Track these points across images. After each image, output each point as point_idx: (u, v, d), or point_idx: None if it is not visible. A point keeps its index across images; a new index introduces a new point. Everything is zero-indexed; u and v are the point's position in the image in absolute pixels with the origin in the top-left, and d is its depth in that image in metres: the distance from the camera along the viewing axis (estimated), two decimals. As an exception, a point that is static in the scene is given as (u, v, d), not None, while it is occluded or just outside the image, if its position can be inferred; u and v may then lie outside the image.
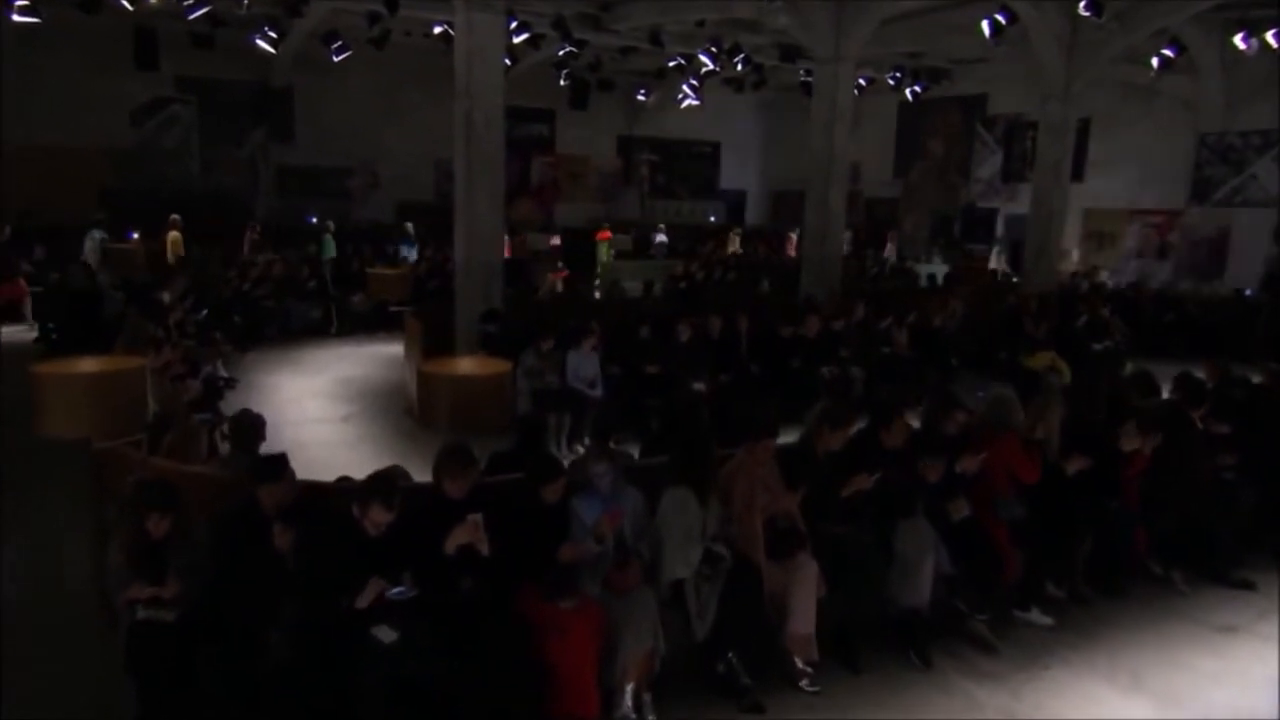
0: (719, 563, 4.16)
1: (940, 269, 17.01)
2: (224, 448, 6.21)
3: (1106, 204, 17.38)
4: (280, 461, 3.68)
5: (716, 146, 24.94)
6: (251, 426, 4.39)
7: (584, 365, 7.95)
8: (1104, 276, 15.92)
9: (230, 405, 8.41)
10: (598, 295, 14.82)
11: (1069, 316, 11.77)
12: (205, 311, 10.49)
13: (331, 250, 15.16)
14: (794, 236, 19.12)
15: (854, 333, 9.96)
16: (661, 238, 20.29)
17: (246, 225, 16.21)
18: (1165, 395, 6.51)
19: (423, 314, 9.15)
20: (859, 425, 4.94)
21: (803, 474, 4.61)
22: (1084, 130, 15.53)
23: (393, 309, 12.32)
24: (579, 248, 18.31)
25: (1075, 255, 17.49)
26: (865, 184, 21.57)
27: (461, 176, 8.87)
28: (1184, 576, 5.43)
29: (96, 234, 14.32)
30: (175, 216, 14.92)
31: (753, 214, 25.44)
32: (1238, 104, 15.19)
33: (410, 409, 8.58)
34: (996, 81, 18.82)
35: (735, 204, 25.32)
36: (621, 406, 8.00)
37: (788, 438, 4.70)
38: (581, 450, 7.59)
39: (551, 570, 3.92)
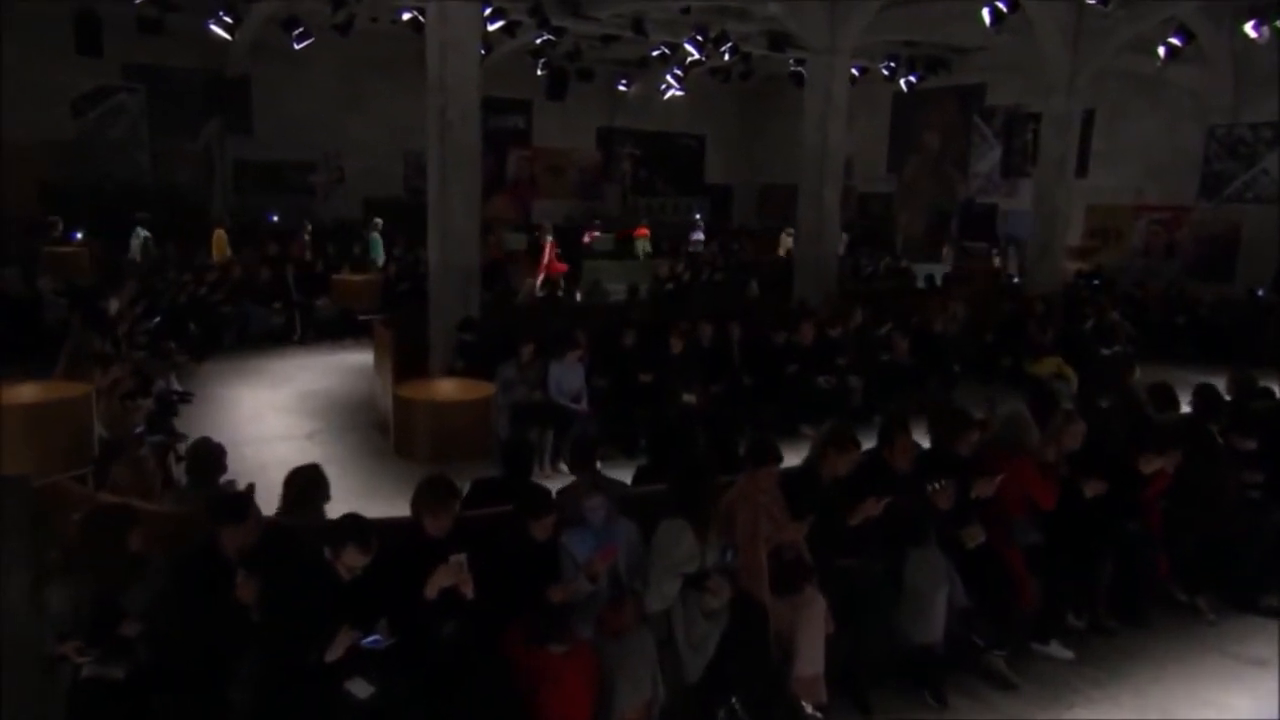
0: (711, 592, 4.04)
1: (940, 269, 16.99)
2: (179, 471, 6.05)
3: (1110, 200, 17.44)
4: (243, 501, 3.54)
5: (701, 139, 24.91)
6: (210, 457, 4.24)
7: (567, 377, 7.86)
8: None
9: (186, 422, 8.27)
10: (579, 297, 14.87)
11: (1075, 320, 11.77)
12: (157, 319, 10.26)
13: (379, 251, 15.17)
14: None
15: (851, 339, 9.90)
16: (699, 234, 20.13)
17: (301, 225, 16.06)
18: (1182, 406, 6.58)
19: (393, 322, 8.99)
20: (866, 446, 4.86)
21: (808, 501, 4.52)
22: (1087, 122, 15.51)
23: (361, 317, 12.14)
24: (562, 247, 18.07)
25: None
26: (858, 179, 21.54)
27: (435, 176, 8.71)
28: (1210, 603, 5.39)
29: (142, 232, 14.36)
30: (224, 215, 15.43)
31: (739, 210, 25.43)
32: (1248, 95, 15.27)
33: (381, 424, 8.43)
34: (995, 71, 18.80)
35: (721, 200, 25.32)
36: (608, 421, 8.03)
37: (786, 452, 4.59)
38: (565, 469, 7.48)
39: (541, 612, 3.81)
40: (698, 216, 22.77)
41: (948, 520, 4.74)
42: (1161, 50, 13.69)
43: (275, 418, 9.06)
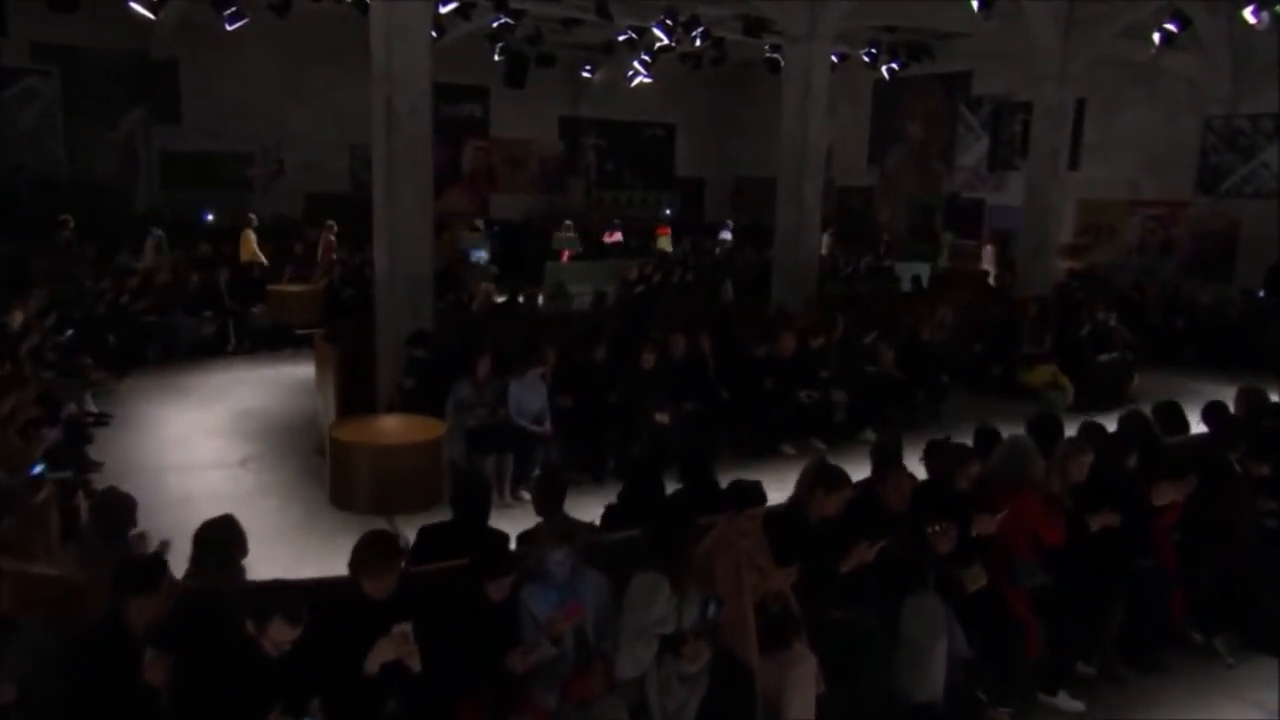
0: (687, 657, 3.84)
1: (925, 268, 16.98)
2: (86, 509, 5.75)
3: (1103, 195, 17.51)
4: (154, 567, 3.27)
5: (671, 129, 24.82)
6: (117, 510, 3.95)
7: (529, 396, 7.64)
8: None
9: (102, 449, 7.94)
10: (541, 301, 14.66)
11: (1070, 324, 11.76)
12: (70, 332, 9.87)
13: None
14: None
15: (834, 350, 9.80)
16: (726, 234, 19.96)
17: (323, 225, 15.59)
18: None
19: (336, 336, 8.72)
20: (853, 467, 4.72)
21: (795, 546, 4.37)
22: (1078, 113, 15.58)
23: (300, 331, 11.81)
24: (518, 249, 17.99)
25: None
26: (837, 171, 21.51)
27: (381, 173, 8.40)
28: (1228, 645, 5.31)
29: (156, 232, 14.36)
30: (251, 215, 15.42)
31: (712, 204, 25.35)
32: (1247, 84, 15.36)
33: (324, 447, 8.13)
34: (982, 58, 18.80)
35: (693, 193, 25.22)
36: (574, 444, 7.85)
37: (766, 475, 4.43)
38: (527, 496, 7.34)
39: (497, 682, 3.59)
40: (667, 211, 22.66)
41: (947, 562, 4.60)
42: (1157, 37, 13.74)
43: (205, 441, 8.75)
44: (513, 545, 4.51)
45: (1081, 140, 17.09)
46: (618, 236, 19.89)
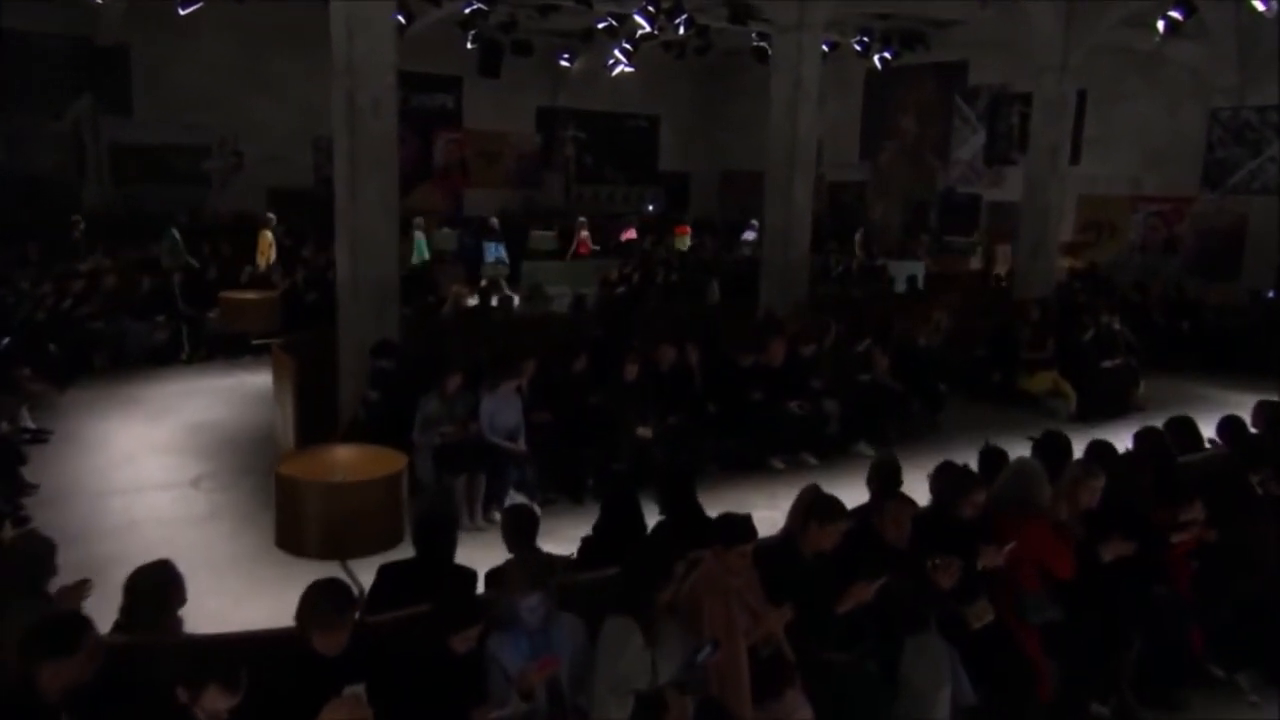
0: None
1: (918, 267, 16.90)
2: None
3: (1104, 190, 17.50)
4: (73, 627, 3.03)
5: (654, 121, 24.74)
6: (35, 560, 3.70)
7: (503, 412, 7.46)
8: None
9: (38, 470, 7.67)
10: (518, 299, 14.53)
11: (1071, 328, 11.67)
12: (7, 340, 9.58)
13: (424, 252, 15.21)
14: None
15: (826, 357, 9.68)
16: (751, 234, 19.90)
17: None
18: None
19: (296, 345, 8.51)
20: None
21: (788, 584, 4.19)
22: (1078, 104, 15.46)
23: (257, 342, 11.52)
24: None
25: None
26: (828, 166, 21.40)
27: (344, 173, 8.23)
28: (1252, 681, 5.17)
29: (174, 233, 14.24)
30: (270, 215, 15.48)
31: (697, 200, 25.30)
32: (1254, 75, 15.32)
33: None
34: (978, 47, 18.78)
35: (677, 189, 25.13)
36: (551, 462, 7.69)
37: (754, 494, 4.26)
38: (499, 518, 7.15)
39: (462, 744, 3.38)
40: (650, 208, 22.53)
41: (950, 598, 4.44)
42: (1160, 25, 13.68)
43: (153, 459, 8.50)
44: (482, 582, 4.34)
45: (1082, 133, 17.02)
46: (632, 234, 19.79)
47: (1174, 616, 5.02)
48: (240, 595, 5.55)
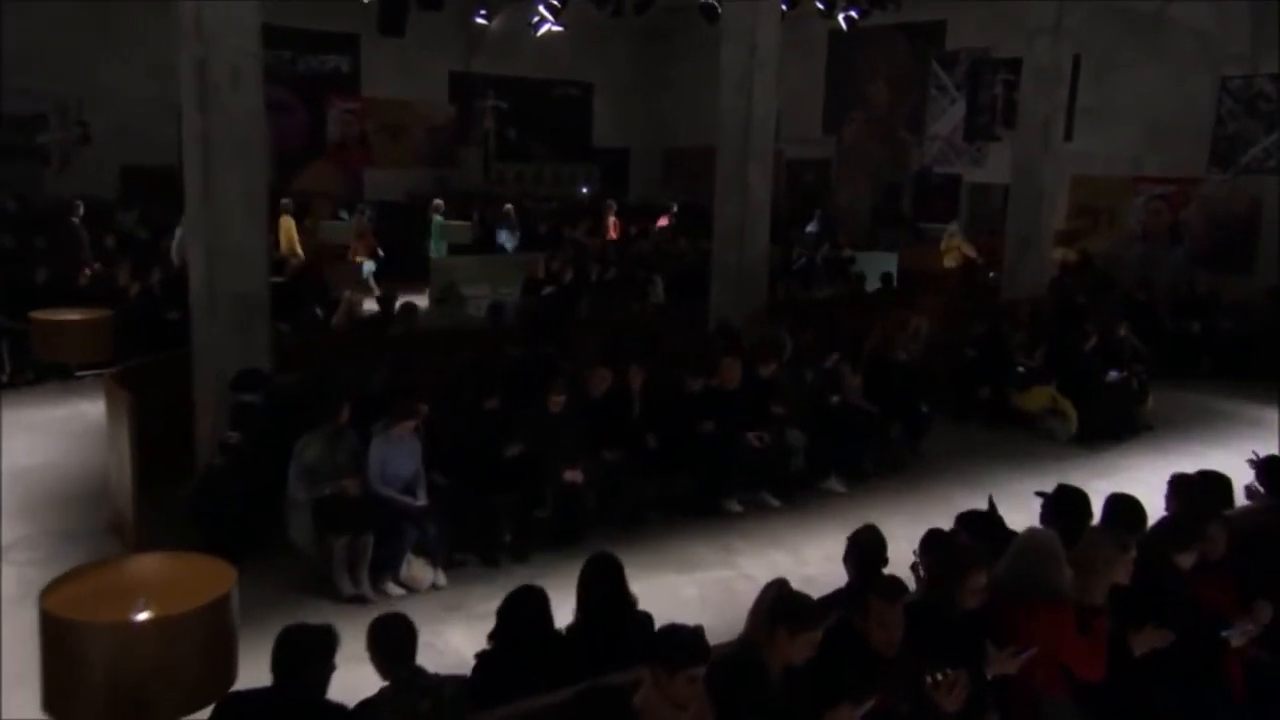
0: None
1: (892, 260, 16.72)
2: None
3: (1101, 170, 17.49)
4: None
5: (588, 89, 24.74)
6: None
7: (397, 458, 7.02)
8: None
9: None
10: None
11: (1069, 333, 11.51)
12: None
13: (442, 242, 16.27)
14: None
15: (788, 376, 9.41)
16: (813, 226, 19.68)
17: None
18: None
19: (134, 376, 7.87)
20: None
21: (751, 710, 3.77)
22: (1071, 73, 15.40)
23: (80, 374, 10.84)
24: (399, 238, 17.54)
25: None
26: (786, 141, 21.23)
27: (195, 160, 7.79)
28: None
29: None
30: (286, 200, 16.10)
31: (638, 180, 25.33)
32: (1267, 39, 15.29)
33: (118, 525, 7.39)
34: (957, 6, 18.80)
35: (615, 167, 25.14)
36: (458, 517, 7.25)
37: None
38: (394, 590, 6.83)
39: None
40: (584, 190, 22.35)
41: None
42: (1164, -17, 13.65)
43: (-50, 520, 7.77)
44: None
45: (1075, 106, 16.91)
46: (665, 221, 19.76)
47: None
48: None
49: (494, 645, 4.35)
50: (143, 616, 3.05)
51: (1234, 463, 6.54)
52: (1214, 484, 5.70)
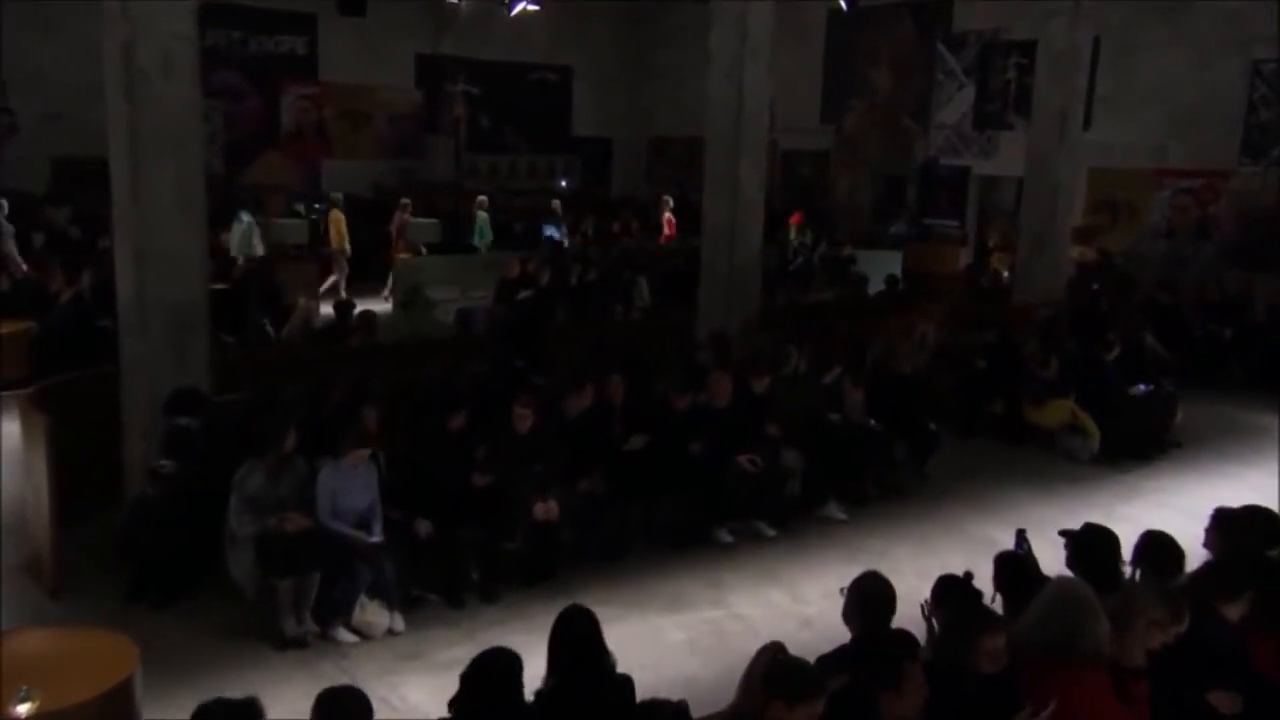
0: None
1: (897, 260, 16.65)
2: None
3: (1121, 162, 17.43)
4: None
5: (567, 74, 24.75)
6: None
7: (349, 490, 6.83)
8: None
9: None
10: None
11: (1089, 341, 11.42)
12: None
13: (488, 235, 17.56)
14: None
15: (783, 392, 9.27)
16: (900, 226, 19.75)
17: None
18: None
19: (52, 396, 7.69)
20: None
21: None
22: (1090, 57, 15.42)
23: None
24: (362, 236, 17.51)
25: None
26: (781, 131, 21.18)
27: (122, 156, 7.77)
28: None
29: (245, 217, 14.84)
30: (337, 195, 17.35)
31: (621, 172, 25.45)
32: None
33: (33, 564, 7.23)
34: (966, -18, 18.96)
35: (597, 158, 25.25)
36: (417, 551, 7.06)
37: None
38: (348, 637, 6.63)
39: None
40: (563, 183, 22.28)
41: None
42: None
43: None
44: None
45: (1093, 92, 16.95)
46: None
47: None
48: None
49: (456, 716, 4.14)
50: (23, 710, 2.77)
51: (1274, 484, 6.37)
52: (1261, 521, 5.50)
